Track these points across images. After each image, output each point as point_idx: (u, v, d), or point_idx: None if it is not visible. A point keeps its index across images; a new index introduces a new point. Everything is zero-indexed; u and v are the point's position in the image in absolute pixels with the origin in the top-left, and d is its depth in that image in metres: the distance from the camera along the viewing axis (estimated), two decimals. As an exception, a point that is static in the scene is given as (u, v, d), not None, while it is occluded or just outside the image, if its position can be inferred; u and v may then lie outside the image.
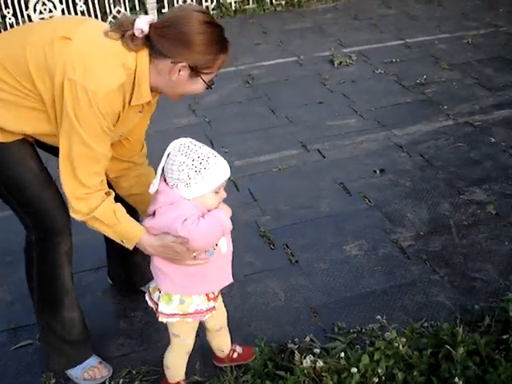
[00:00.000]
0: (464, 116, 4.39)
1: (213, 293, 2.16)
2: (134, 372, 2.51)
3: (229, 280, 2.19)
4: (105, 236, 2.70)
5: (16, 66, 1.99)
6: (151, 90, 2.05)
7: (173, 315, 2.13)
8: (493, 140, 4.03)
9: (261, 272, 3.00)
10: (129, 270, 2.86)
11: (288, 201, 3.55)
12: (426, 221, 3.27)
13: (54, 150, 2.14)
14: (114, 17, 7.52)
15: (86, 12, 7.37)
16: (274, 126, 4.51)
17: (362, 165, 3.85)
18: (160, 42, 1.95)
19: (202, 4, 7.72)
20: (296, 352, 2.35)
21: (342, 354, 2.34)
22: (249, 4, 7.91)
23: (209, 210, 1.99)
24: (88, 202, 2.03)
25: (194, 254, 2.02)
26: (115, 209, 2.08)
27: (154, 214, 2.05)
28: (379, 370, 2.26)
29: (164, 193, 1.99)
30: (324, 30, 6.76)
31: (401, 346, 2.34)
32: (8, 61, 2.00)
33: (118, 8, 7.57)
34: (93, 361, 2.52)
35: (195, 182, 1.92)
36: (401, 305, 2.72)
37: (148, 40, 1.95)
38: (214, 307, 2.17)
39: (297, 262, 3.05)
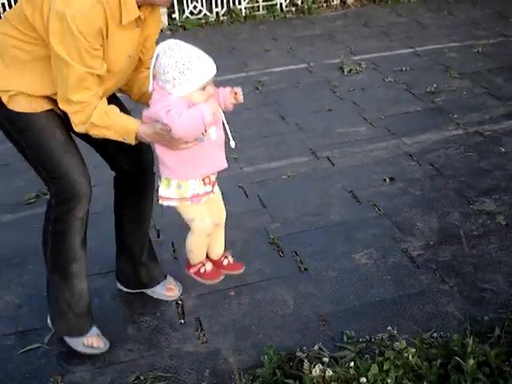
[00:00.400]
0: (474, 125, 4.38)
1: (208, 178, 2.39)
2: (142, 378, 2.50)
3: (223, 165, 2.40)
4: (116, 236, 2.88)
5: (19, 20, 2.22)
6: (140, 6, 2.20)
7: (171, 199, 2.37)
8: (503, 150, 4.02)
9: (270, 279, 2.99)
10: (136, 270, 2.92)
11: (297, 208, 3.54)
12: (435, 230, 3.26)
13: None
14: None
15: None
16: (284, 132, 4.51)
17: (371, 173, 3.85)
18: None
19: (212, 10, 7.75)
20: (305, 361, 2.35)
21: (352, 364, 2.33)
22: (259, 10, 7.92)
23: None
24: (84, 112, 2.22)
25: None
26: (107, 110, 2.24)
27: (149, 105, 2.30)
28: (388, 380, 2.25)
29: (156, 91, 2.24)
30: (334, 38, 6.76)
31: (410, 356, 2.33)
32: (13, 18, 2.25)
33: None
34: (93, 331, 2.67)
35: (179, 82, 2.14)
36: (410, 314, 2.71)
37: None
38: (211, 191, 2.42)
39: (306, 269, 3.04)
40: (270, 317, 2.76)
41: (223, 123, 2.36)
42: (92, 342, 2.64)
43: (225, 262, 2.71)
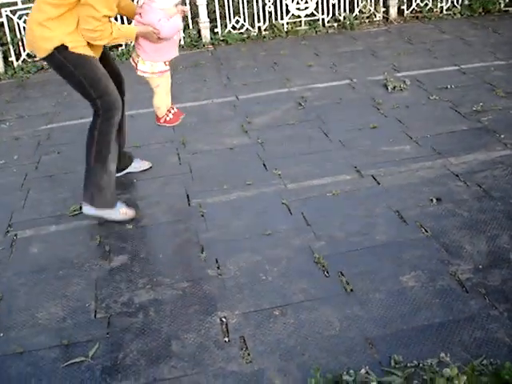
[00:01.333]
0: (522, 146, 4.29)
1: (168, 61, 3.87)
2: (186, 396, 2.48)
3: (175, 54, 3.91)
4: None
5: None
6: None
7: (145, 72, 3.84)
8: (553, 171, 3.93)
9: (315, 299, 2.95)
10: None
11: (342, 227, 3.49)
12: (484, 253, 3.19)
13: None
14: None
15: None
16: (327, 149, 4.47)
17: (417, 193, 3.78)
18: None
19: (254, 25, 7.77)
20: (353, 385, 2.30)
21: (401, 390, 2.28)
22: (301, 25, 7.92)
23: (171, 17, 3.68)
24: (106, 32, 3.46)
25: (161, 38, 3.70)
26: (118, 27, 3.59)
27: (140, 14, 3.68)
28: (439, 409, 2.19)
29: (146, 3, 3.64)
30: (377, 54, 6.72)
31: (462, 384, 2.27)
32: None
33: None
34: (122, 205, 3.80)
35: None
36: (459, 340, 2.64)
37: None
38: (168, 69, 3.90)
39: (352, 290, 2.99)
40: (315, 338, 2.72)
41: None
42: (126, 211, 3.77)
43: (172, 111, 4.13)
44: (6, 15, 7.15)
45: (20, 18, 7.16)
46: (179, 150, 4.68)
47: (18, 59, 7.37)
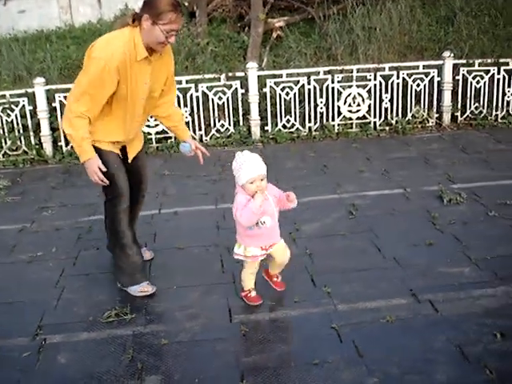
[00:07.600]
0: None
1: (265, 246, 3.65)
2: None
3: (274, 242, 3.69)
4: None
5: None
6: (151, 53, 3.60)
7: (238, 255, 3.70)
8: None
9: None
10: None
11: (399, 362, 3.14)
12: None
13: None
14: (218, 130, 7.59)
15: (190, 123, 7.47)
16: (381, 267, 4.18)
17: (480, 325, 3.43)
18: (141, 8, 3.52)
19: (304, 124, 7.70)
20: None
21: None
22: (352, 128, 7.82)
23: (253, 196, 3.44)
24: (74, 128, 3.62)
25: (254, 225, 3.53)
26: (85, 142, 3.64)
27: None
28: None
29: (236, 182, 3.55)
30: (430, 162, 6.52)
31: None
32: None
33: (222, 122, 7.64)
34: (144, 284, 4.03)
35: (237, 176, 3.47)
36: None
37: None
38: (265, 254, 3.69)
39: None
40: None
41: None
42: (143, 289, 4.00)
43: (274, 279, 3.96)
44: (60, 100, 7.24)
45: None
46: (223, 256, 4.46)
47: (67, 145, 7.40)
